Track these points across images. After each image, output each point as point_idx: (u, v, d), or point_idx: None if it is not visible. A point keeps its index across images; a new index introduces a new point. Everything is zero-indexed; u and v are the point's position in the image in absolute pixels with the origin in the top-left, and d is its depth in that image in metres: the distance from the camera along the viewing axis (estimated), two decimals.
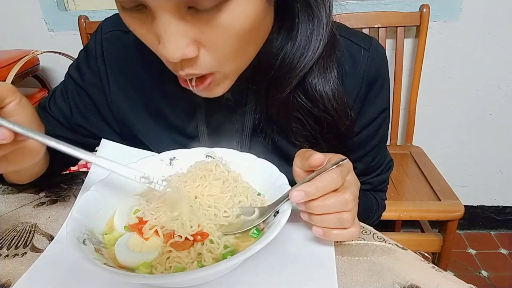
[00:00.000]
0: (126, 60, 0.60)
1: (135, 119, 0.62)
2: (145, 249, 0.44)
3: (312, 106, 0.53)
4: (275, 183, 0.51)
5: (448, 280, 0.43)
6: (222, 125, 0.60)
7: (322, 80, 0.52)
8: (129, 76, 0.60)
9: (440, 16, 1.38)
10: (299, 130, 0.55)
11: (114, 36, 0.60)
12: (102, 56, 0.60)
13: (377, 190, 0.71)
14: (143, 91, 0.61)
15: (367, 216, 0.69)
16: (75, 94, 0.64)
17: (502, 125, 1.55)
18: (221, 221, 0.47)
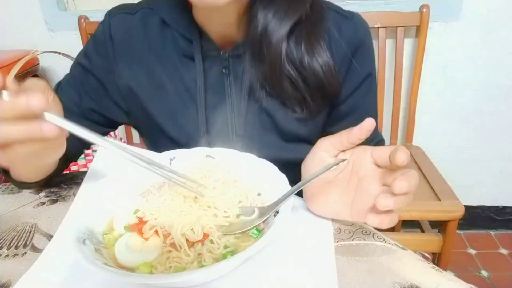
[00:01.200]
0: (131, 39, 0.63)
1: (140, 93, 0.64)
2: (145, 249, 0.44)
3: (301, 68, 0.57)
4: (275, 183, 0.51)
5: (448, 280, 0.43)
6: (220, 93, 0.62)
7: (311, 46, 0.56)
8: (134, 54, 0.63)
9: (440, 16, 1.38)
10: (289, 91, 0.58)
11: (121, 18, 0.63)
12: (110, 38, 0.63)
13: None
14: (147, 66, 0.63)
15: None
16: (83, 79, 0.66)
17: (502, 125, 1.55)
18: (221, 221, 0.47)
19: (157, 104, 0.65)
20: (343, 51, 0.60)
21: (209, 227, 0.45)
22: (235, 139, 0.64)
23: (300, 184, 0.47)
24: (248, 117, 0.62)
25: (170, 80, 0.63)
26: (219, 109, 0.62)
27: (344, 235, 0.51)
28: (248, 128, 0.62)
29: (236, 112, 0.63)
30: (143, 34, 0.63)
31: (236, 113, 0.63)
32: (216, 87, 0.62)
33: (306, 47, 0.57)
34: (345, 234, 0.51)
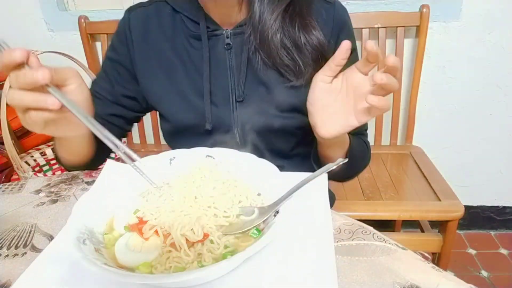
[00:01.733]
0: (146, 27, 0.73)
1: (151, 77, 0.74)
2: (145, 249, 0.44)
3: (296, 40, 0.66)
4: (275, 183, 0.51)
5: (448, 280, 0.43)
6: (223, 67, 0.71)
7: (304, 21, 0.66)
8: (149, 42, 0.73)
9: (440, 16, 1.38)
10: (285, 61, 0.67)
11: (137, 12, 0.74)
12: (129, 30, 0.73)
13: (360, 134, 0.78)
14: (159, 51, 0.72)
15: (363, 157, 0.77)
16: (112, 69, 0.76)
17: (502, 125, 1.55)
18: (221, 221, 0.47)
19: (166, 82, 0.73)
20: (330, 29, 0.70)
21: (209, 227, 0.45)
22: (235, 107, 0.71)
23: (300, 184, 0.47)
24: (246, 87, 0.70)
25: (180, 60, 0.72)
26: (221, 80, 0.71)
27: (344, 235, 0.51)
28: (247, 97, 0.71)
29: (236, 83, 0.71)
30: (157, 22, 0.73)
31: (236, 84, 0.71)
32: (220, 62, 0.71)
33: (300, 22, 0.66)
34: (345, 234, 0.51)
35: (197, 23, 0.69)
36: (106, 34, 1.43)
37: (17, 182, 0.69)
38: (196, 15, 0.69)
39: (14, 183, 0.69)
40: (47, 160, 1.37)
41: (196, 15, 0.69)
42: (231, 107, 0.71)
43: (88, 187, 0.65)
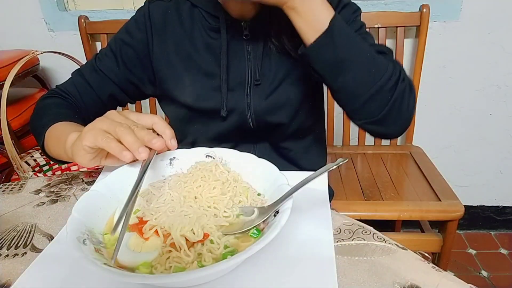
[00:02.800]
0: (166, 20, 0.76)
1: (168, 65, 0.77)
2: (145, 249, 0.44)
3: None
4: (275, 183, 0.51)
5: (448, 280, 0.43)
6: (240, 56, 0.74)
7: None
8: (168, 32, 0.76)
9: (440, 16, 1.38)
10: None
11: (157, 4, 0.78)
12: (149, 18, 0.76)
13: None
14: (177, 42, 0.76)
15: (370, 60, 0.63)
16: (123, 51, 0.78)
17: (502, 125, 1.55)
18: (221, 221, 0.47)
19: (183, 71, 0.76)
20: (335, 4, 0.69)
21: (209, 227, 0.45)
22: (249, 91, 0.75)
23: (300, 184, 0.47)
24: (261, 73, 0.74)
25: (197, 50, 0.75)
26: (238, 69, 0.75)
27: (344, 235, 0.51)
28: (262, 82, 0.75)
29: (253, 68, 0.74)
30: (176, 15, 0.76)
31: (253, 68, 0.74)
32: (237, 52, 0.74)
33: None
34: (345, 234, 0.51)
35: (216, 17, 0.73)
36: (106, 34, 1.43)
37: (17, 182, 0.69)
38: (215, 9, 0.73)
39: (14, 183, 0.69)
40: (47, 160, 1.37)
41: (215, 9, 0.73)
42: (245, 91, 0.75)
43: (88, 187, 0.65)
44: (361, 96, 0.62)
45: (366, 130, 0.69)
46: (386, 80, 0.62)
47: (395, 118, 0.65)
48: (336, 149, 1.48)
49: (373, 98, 0.62)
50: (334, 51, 0.60)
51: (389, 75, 0.62)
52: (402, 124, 0.67)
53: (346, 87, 0.63)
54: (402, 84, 0.64)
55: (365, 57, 0.62)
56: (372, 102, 0.63)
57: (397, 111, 0.64)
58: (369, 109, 0.63)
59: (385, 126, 0.66)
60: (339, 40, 0.60)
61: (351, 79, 0.62)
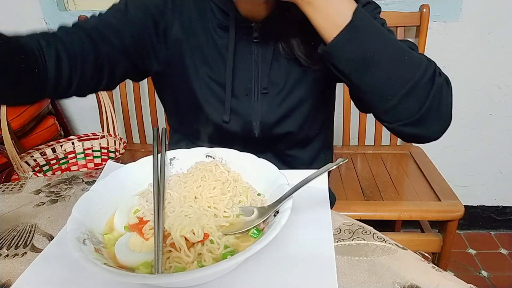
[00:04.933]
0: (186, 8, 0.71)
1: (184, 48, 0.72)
2: (145, 249, 0.44)
3: None
4: (275, 183, 0.51)
5: (448, 280, 0.44)
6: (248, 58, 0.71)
7: None
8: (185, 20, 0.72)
9: (440, 16, 1.38)
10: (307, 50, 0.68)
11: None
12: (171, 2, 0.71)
13: None
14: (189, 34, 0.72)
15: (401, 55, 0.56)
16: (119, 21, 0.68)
17: (502, 125, 1.55)
18: (221, 221, 0.47)
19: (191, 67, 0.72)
20: None
21: (209, 227, 0.45)
22: (257, 99, 0.72)
23: (300, 184, 0.47)
24: (270, 80, 0.71)
25: (205, 47, 0.71)
26: (245, 73, 0.71)
27: (344, 235, 0.51)
28: (270, 90, 0.72)
29: (260, 75, 0.71)
30: (192, 4, 0.71)
31: (260, 76, 0.71)
32: (245, 54, 0.71)
33: None
34: (345, 234, 0.51)
35: (226, 14, 0.69)
36: None
37: (17, 182, 0.69)
38: (226, 5, 0.69)
39: (14, 183, 0.69)
40: (47, 160, 1.37)
41: (226, 5, 0.69)
42: (252, 99, 0.72)
43: (88, 187, 0.65)
44: (395, 94, 0.55)
45: (401, 134, 0.61)
46: (421, 74, 0.55)
47: (434, 117, 0.58)
48: (336, 149, 1.48)
49: (409, 95, 0.55)
50: (361, 46, 0.54)
51: (424, 68, 0.55)
52: (443, 123, 0.61)
53: (376, 85, 0.55)
54: (440, 78, 0.57)
55: (395, 51, 0.55)
56: (408, 100, 0.55)
57: (436, 109, 0.57)
58: (405, 109, 0.56)
59: (424, 127, 0.59)
60: (365, 33, 0.54)
61: (382, 75, 0.54)
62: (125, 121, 1.53)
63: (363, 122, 1.44)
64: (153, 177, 0.53)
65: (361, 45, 0.54)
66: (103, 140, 1.45)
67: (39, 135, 1.44)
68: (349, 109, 1.43)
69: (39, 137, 1.43)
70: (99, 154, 1.46)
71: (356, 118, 1.44)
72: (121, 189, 0.53)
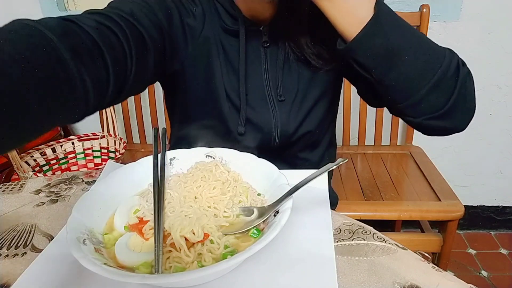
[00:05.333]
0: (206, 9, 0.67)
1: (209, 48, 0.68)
2: (145, 249, 0.44)
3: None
4: (275, 183, 0.51)
5: (448, 280, 0.44)
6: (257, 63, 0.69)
7: None
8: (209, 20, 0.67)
9: (440, 16, 1.38)
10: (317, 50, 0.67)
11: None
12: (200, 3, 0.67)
13: None
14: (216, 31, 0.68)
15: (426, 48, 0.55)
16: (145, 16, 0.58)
17: (502, 125, 1.55)
18: (221, 221, 0.47)
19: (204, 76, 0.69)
20: None
21: (209, 227, 0.45)
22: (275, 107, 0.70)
23: (300, 184, 0.47)
24: (283, 85, 0.69)
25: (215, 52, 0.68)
26: (255, 79, 0.69)
27: (344, 235, 0.51)
28: (285, 94, 0.69)
29: (272, 80, 0.69)
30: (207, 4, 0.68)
31: (272, 81, 0.69)
32: (254, 59, 0.69)
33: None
34: (345, 234, 0.51)
35: (235, 19, 0.66)
36: None
37: (17, 182, 0.69)
38: (234, 10, 0.65)
39: (14, 183, 0.69)
40: (47, 160, 1.37)
41: (234, 10, 0.65)
42: (270, 107, 0.69)
43: (88, 187, 0.65)
44: (421, 88, 0.53)
45: (426, 128, 0.59)
46: (447, 66, 0.54)
47: (462, 109, 0.57)
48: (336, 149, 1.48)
49: (436, 87, 0.53)
50: (386, 40, 0.51)
51: (449, 60, 0.54)
52: (469, 114, 0.60)
53: (402, 79, 0.54)
54: (464, 69, 0.57)
55: (420, 43, 0.54)
56: (435, 92, 0.54)
57: (463, 100, 0.57)
58: (433, 102, 0.54)
59: (452, 119, 0.57)
60: (389, 26, 0.51)
61: (408, 69, 0.53)
62: (125, 121, 1.53)
63: (363, 122, 1.44)
64: (153, 177, 0.52)
65: (387, 39, 0.52)
66: (103, 140, 1.45)
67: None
68: (349, 109, 1.43)
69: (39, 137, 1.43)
70: (99, 154, 1.46)
71: (356, 118, 1.44)
72: (121, 189, 0.53)
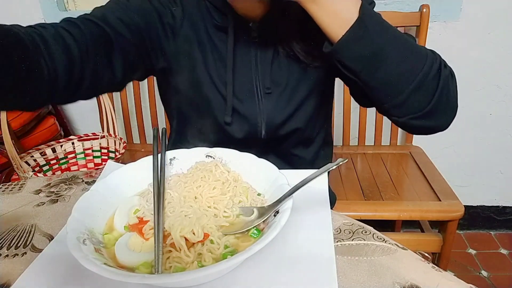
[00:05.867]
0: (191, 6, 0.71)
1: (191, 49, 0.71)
2: (145, 249, 0.44)
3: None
4: (275, 183, 0.51)
5: (448, 280, 0.44)
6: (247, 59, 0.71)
7: None
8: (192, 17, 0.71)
9: (440, 16, 1.38)
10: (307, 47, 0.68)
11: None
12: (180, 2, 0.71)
13: None
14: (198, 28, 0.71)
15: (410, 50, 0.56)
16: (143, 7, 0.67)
17: (502, 125, 1.55)
18: (221, 221, 0.47)
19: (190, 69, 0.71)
20: None
21: (209, 227, 0.45)
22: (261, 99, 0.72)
23: (300, 184, 0.47)
24: (272, 79, 0.71)
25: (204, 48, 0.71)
26: (244, 73, 0.71)
27: (344, 235, 0.51)
28: (273, 90, 0.71)
29: (261, 75, 0.71)
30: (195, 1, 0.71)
31: (261, 76, 0.71)
32: (244, 55, 0.71)
33: None
34: (345, 234, 0.51)
35: (225, 15, 0.68)
36: None
37: (17, 182, 0.69)
38: (223, 6, 0.68)
39: (14, 183, 0.69)
40: (47, 160, 1.37)
41: (223, 6, 0.68)
42: (256, 99, 0.72)
43: (88, 187, 0.65)
44: (405, 88, 0.55)
45: (410, 127, 0.61)
46: (429, 67, 0.56)
47: (444, 108, 0.59)
48: (336, 149, 1.48)
49: (419, 88, 0.55)
50: (371, 43, 0.53)
51: (431, 61, 0.57)
52: (451, 113, 0.62)
53: (386, 81, 0.55)
54: (446, 70, 0.59)
55: (403, 45, 0.55)
56: (418, 93, 0.55)
57: (445, 100, 0.58)
58: (416, 102, 0.56)
59: (435, 119, 0.60)
60: (374, 29, 0.53)
61: (392, 71, 0.54)
62: (125, 121, 1.53)
63: (363, 122, 1.44)
64: (153, 177, 0.52)
65: (371, 41, 0.53)
66: (103, 140, 1.45)
67: (39, 135, 1.44)
68: (349, 109, 1.43)
69: (39, 137, 1.43)
70: (99, 154, 1.46)
71: (356, 118, 1.44)
72: (121, 189, 0.53)
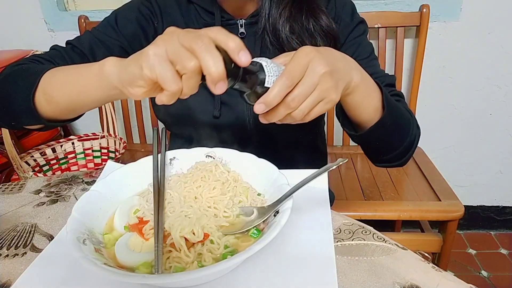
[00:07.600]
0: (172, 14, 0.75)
1: None
2: (145, 249, 0.44)
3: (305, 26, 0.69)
4: (275, 183, 0.51)
5: (448, 280, 0.44)
6: None
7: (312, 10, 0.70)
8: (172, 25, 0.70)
9: (440, 16, 1.38)
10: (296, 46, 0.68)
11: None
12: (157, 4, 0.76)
13: None
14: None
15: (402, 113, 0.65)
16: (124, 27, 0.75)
17: (502, 125, 1.55)
18: (221, 221, 0.47)
19: None
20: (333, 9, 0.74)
21: (209, 227, 0.45)
22: None
23: (300, 184, 0.47)
24: None
25: None
26: None
27: (344, 235, 0.51)
28: None
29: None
30: (177, 8, 0.75)
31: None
32: None
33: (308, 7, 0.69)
34: (345, 234, 0.51)
35: (212, 13, 0.72)
36: None
37: (17, 182, 0.69)
38: (210, 5, 0.72)
39: (14, 183, 0.69)
40: (47, 160, 1.37)
41: (210, 5, 0.72)
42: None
43: (88, 187, 0.65)
44: (395, 150, 0.66)
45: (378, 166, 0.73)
46: (413, 133, 0.66)
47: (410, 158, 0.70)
48: (336, 149, 1.48)
49: (404, 150, 0.66)
50: (388, 127, 0.61)
51: (413, 127, 0.67)
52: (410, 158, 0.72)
53: (387, 148, 0.66)
54: (418, 130, 0.69)
55: (404, 120, 0.65)
56: (402, 153, 0.67)
57: (413, 152, 0.69)
58: (396, 158, 0.68)
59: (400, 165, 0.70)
60: (391, 115, 0.60)
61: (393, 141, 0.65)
62: (125, 121, 1.53)
63: None
64: (153, 177, 0.53)
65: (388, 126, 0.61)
66: (103, 140, 1.45)
67: (39, 135, 1.44)
68: None
69: (39, 137, 1.43)
70: (99, 154, 1.46)
71: None
72: (121, 189, 0.53)
